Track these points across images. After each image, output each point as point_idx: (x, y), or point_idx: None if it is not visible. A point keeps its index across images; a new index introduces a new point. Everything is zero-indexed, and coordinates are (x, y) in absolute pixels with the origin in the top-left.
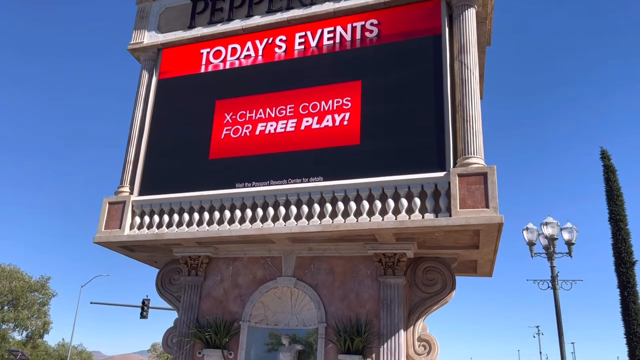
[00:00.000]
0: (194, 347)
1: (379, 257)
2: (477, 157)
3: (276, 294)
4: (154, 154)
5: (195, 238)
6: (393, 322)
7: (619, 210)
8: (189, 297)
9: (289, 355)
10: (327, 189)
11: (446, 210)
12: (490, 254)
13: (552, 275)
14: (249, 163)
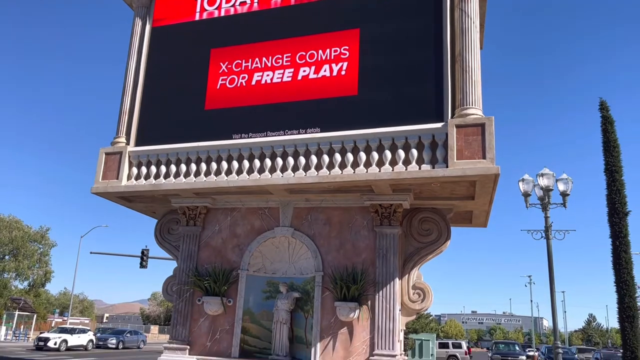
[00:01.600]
0: (193, 295)
1: (375, 207)
2: (475, 107)
3: (274, 243)
4: (150, 105)
5: (192, 189)
6: (388, 271)
7: (615, 161)
8: (188, 246)
9: (287, 302)
10: (324, 140)
11: (443, 161)
12: (486, 204)
13: (546, 226)
14: (246, 114)
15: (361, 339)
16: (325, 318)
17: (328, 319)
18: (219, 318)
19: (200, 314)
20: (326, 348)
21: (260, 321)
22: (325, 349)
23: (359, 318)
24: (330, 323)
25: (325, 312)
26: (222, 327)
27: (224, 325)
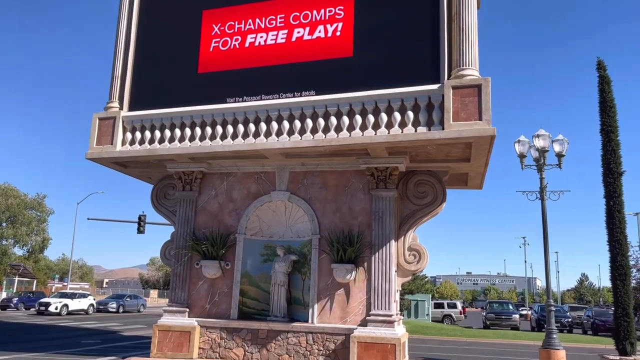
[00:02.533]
0: (191, 259)
1: (371, 171)
2: (471, 68)
3: (270, 207)
4: (142, 69)
5: (188, 154)
6: (384, 233)
7: (611, 121)
8: (185, 211)
9: (284, 265)
10: (319, 104)
11: (439, 123)
12: (481, 166)
13: (541, 187)
14: (239, 77)
15: (358, 300)
16: (322, 280)
17: (325, 280)
18: (218, 281)
19: (198, 278)
20: (323, 309)
21: (258, 284)
22: (322, 310)
23: (355, 279)
24: (327, 284)
25: (322, 274)
26: (221, 290)
27: (223, 288)
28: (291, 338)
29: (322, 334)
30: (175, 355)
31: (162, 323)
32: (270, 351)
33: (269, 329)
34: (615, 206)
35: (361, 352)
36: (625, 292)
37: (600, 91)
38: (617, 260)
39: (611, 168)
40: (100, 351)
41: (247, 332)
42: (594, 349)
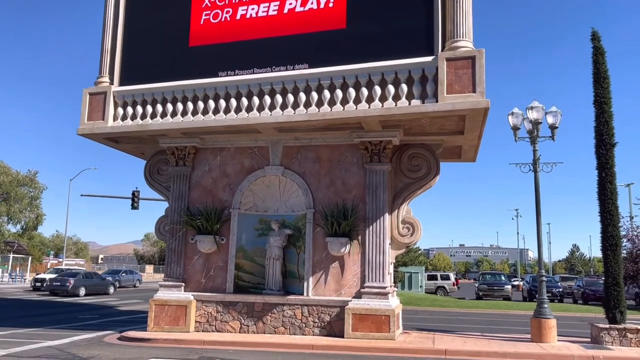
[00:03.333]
0: (186, 234)
1: (365, 144)
2: (465, 40)
3: (265, 182)
4: (132, 43)
5: (180, 129)
6: (378, 207)
7: (605, 92)
8: (178, 186)
9: (279, 239)
10: (312, 77)
11: (433, 96)
12: (475, 139)
13: (534, 159)
14: (231, 50)
15: (352, 272)
16: (317, 253)
17: (320, 254)
18: (213, 256)
19: (194, 252)
20: (318, 282)
21: (253, 258)
22: (317, 283)
23: (349, 252)
24: (321, 258)
25: (316, 248)
26: (216, 264)
27: (218, 262)
28: (287, 311)
29: (317, 306)
30: (172, 329)
31: (159, 298)
32: (266, 324)
33: (265, 302)
34: (607, 177)
35: (356, 323)
36: (615, 262)
37: (594, 62)
38: (608, 230)
39: (604, 139)
40: (98, 326)
41: (243, 305)
42: (584, 317)
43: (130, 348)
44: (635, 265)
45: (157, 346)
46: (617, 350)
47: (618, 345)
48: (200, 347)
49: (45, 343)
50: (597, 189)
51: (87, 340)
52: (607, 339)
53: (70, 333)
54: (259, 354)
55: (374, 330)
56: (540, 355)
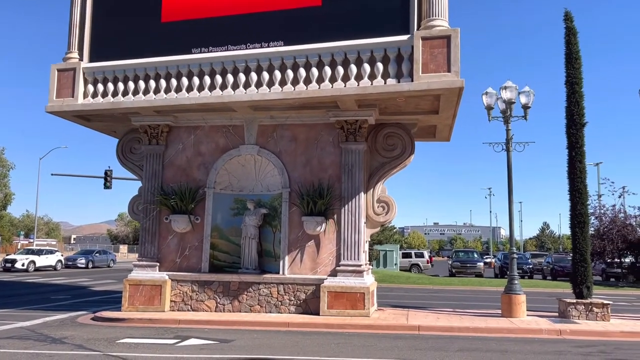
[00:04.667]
0: (160, 213)
1: (340, 124)
2: (441, 19)
3: (240, 161)
4: (102, 17)
5: (153, 106)
6: (354, 186)
7: (576, 73)
8: (152, 165)
9: (255, 218)
10: (288, 55)
11: (408, 75)
12: (449, 118)
13: (507, 138)
14: (205, 26)
15: (328, 251)
16: (293, 232)
17: (295, 233)
18: (188, 235)
19: (168, 232)
20: (294, 260)
21: (228, 237)
22: (293, 261)
23: (325, 231)
24: (297, 237)
25: (292, 227)
26: (191, 243)
27: (193, 242)
28: (262, 289)
29: (293, 284)
30: (146, 309)
31: (133, 277)
32: (241, 302)
33: (241, 281)
34: (577, 156)
35: (331, 301)
36: (583, 239)
37: (567, 42)
38: (577, 208)
39: (574, 119)
40: (71, 306)
41: (218, 284)
42: (553, 293)
43: (104, 328)
44: (602, 242)
45: (132, 326)
46: (583, 324)
47: (584, 319)
48: (175, 326)
49: (16, 324)
50: (567, 168)
51: (60, 321)
52: (574, 313)
53: (43, 314)
54: (234, 332)
55: (349, 308)
56: (510, 330)
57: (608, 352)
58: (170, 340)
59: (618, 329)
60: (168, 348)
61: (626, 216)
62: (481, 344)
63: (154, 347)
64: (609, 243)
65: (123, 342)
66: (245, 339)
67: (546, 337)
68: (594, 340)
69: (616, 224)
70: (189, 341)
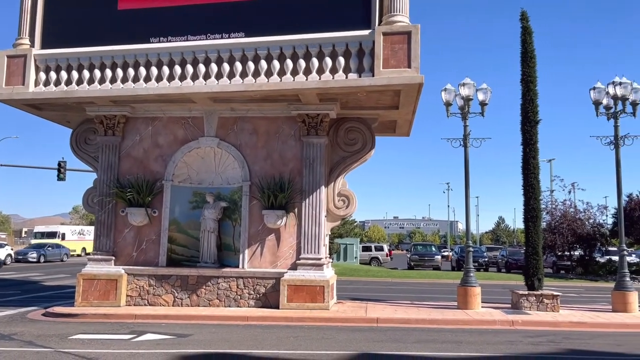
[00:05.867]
0: (116, 206)
1: (302, 117)
2: (402, 15)
3: (199, 154)
4: (55, 1)
5: (109, 96)
6: (315, 179)
7: (531, 71)
8: (107, 157)
9: (214, 211)
10: (249, 46)
11: (369, 70)
12: (409, 114)
13: (464, 134)
14: (164, 15)
15: (288, 245)
16: (253, 226)
17: (256, 226)
18: (145, 228)
19: (124, 225)
20: (254, 254)
21: (187, 230)
22: (253, 255)
23: (286, 225)
24: (257, 230)
25: (253, 220)
26: (148, 237)
27: (150, 235)
28: (221, 283)
29: (253, 278)
30: (101, 304)
31: (87, 272)
32: (200, 296)
33: (199, 275)
34: (531, 153)
35: (291, 294)
36: (535, 232)
37: (522, 42)
38: (530, 203)
39: (529, 117)
40: (21, 302)
41: (176, 278)
42: (507, 285)
43: (56, 324)
44: (553, 236)
45: (86, 321)
46: (534, 314)
47: (535, 310)
48: (131, 322)
49: None
50: (522, 164)
51: (9, 317)
52: (525, 304)
53: None
54: (192, 327)
55: (308, 301)
56: (465, 321)
57: (557, 341)
58: (126, 335)
59: (567, 319)
60: (123, 343)
61: (576, 211)
62: (437, 335)
63: (108, 343)
64: (559, 237)
65: (76, 338)
66: (203, 334)
67: (499, 328)
68: (544, 331)
69: (566, 218)
70: (145, 336)
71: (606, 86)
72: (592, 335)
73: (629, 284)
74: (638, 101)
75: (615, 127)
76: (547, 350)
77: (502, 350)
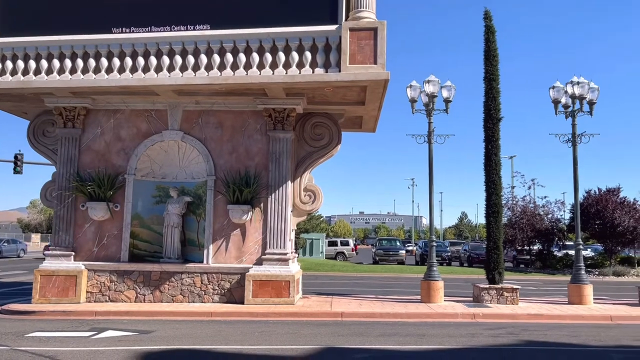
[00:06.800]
0: (76, 200)
1: (268, 112)
2: (368, 11)
3: (163, 147)
4: None
5: (69, 87)
6: (281, 174)
7: (493, 70)
8: (67, 150)
9: (178, 206)
10: (214, 39)
11: (336, 65)
12: (375, 110)
13: (429, 131)
14: (127, 5)
15: (254, 240)
16: (218, 221)
17: (221, 221)
18: (106, 223)
19: (84, 220)
20: (219, 249)
21: (150, 226)
22: (218, 250)
23: (251, 220)
24: (222, 225)
25: (217, 215)
26: (110, 232)
27: (112, 230)
28: (185, 279)
29: (218, 273)
30: (60, 301)
31: (45, 268)
32: (163, 292)
33: (162, 271)
34: (493, 150)
35: (256, 289)
36: (497, 227)
37: (486, 40)
38: (491, 199)
39: (491, 114)
40: None
41: (139, 274)
42: (469, 278)
43: (12, 321)
44: (514, 230)
45: (43, 319)
46: (494, 307)
47: (496, 303)
48: (91, 318)
49: None
50: (484, 161)
51: None
52: (486, 297)
53: None
54: (155, 323)
55: (274, 296)
56: (428, 315)
57: (515, 333)
58: (86, 332)
59: (525, 311)
60: (83, 341)
61: (535, 206)
62: (401, 329)
63: (67, 341)
64: (519, 232)
65: (33, 335)
66: (166, 330)
67: (461, 321)
68: (503, 323)
69: (526, 213)
70: (106, 333)
71: (565, 85)
72: (549, 327)
73: (584, 277)
74: (594, 100)
75: (573, 126)
76: (506, 342)
77: (463, 342)
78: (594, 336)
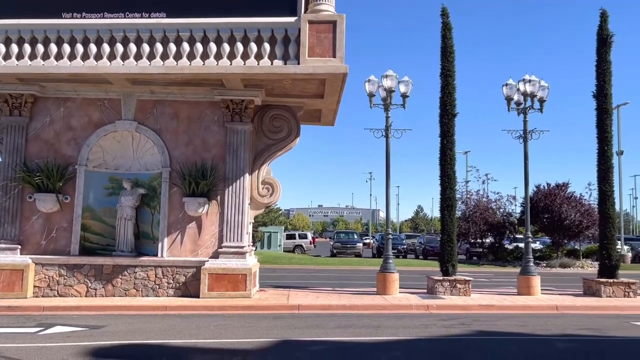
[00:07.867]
0: (22, 192)
1: (226, 103)
2: (328, 4)
3: (116, 137)
4: None
5: (15, 73)
6: (239, 167)
7: (450, 66)
8: (13, 138)
9: (132, 199)
10: (170, 27)
11: (295, 57)
12: (334, 103)
13: (386, 125)
14: None
15: (210, 233)
16: (173, 214)
17: (176, 214)
18: (55, 216)
19: (32, 212)
20: (174, 242)
21: (102, 218)
22: (172, 244)
23: (208, 212)
24: (178, 218)
25: (172, 208)
26: (59, 224)
27: (61, 223)
28: (139, 272)
29: (172, 267)
30: (5, 296)
31: None
32: (116, 286)
33: (115, 264)
34: (448, 144)
35: (212, 283)
36: (450, 221)
37: (442, 37)
38: (446, 193)
39: (447, 110)
40: None
41: (90, 268)
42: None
43: None
44: (467, 224)
45: None
46: (448, 299)
47: (449, 295)
48: (39, 314)
49: None
50: (439, 155)
51: None
52: (440, 289)
53: None
54: (107, 318)
55: (230, 289)
56: (383, 306)
57: (467, 323)
58: (32, 328)
59: (477, 302)
60: (29, 337)
61: (488, 201)
62: (357, 321)
63: (12, 337)
64: (472, 225)
65: None
66: (118, 325)
67: (415, 312)
68: (456, 314)
69: (479, 207)
70: (54, 329)
71: (517, 83)
72: (499, 317)
73: (533, 269)
74: (545, 98)
75: (524, 122)
76: (458, 332)
77: (417, 333)
78: (541, 325)
